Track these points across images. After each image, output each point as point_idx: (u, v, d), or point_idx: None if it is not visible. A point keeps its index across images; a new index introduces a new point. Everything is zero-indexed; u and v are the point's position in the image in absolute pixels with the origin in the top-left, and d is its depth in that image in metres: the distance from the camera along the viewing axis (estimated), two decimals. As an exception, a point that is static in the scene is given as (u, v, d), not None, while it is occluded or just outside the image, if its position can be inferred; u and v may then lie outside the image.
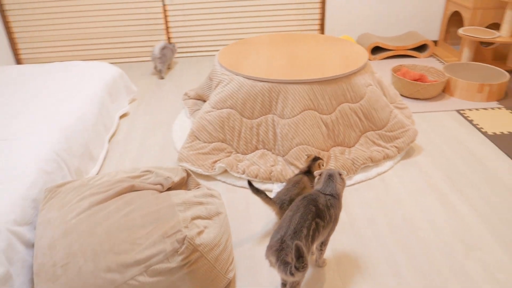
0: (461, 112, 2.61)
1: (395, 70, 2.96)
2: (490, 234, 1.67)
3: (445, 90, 2.86)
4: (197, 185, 1.59)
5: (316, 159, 1.70)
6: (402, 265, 1.53)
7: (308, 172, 1.68)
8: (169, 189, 1.51)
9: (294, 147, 1.96)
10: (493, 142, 2.30)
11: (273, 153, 2.05)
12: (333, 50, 2.41)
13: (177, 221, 1.27)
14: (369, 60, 3.45)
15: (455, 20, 3.64)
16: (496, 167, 2.08)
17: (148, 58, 3.68)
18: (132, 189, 1.42)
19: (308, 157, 1.72)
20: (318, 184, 1.41)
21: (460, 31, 3.17)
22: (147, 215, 1.30)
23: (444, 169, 2.07)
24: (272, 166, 1.97)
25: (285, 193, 1.60)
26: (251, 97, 2.04)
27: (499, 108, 2.66)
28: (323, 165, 1.71)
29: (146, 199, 1.36)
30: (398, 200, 1.86)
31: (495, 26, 3.36)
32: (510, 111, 2.62)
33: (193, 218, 1.31)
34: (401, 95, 2.82)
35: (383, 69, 3.30)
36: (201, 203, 1.40)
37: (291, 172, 1.92)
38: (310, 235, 1.23)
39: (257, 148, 2.07)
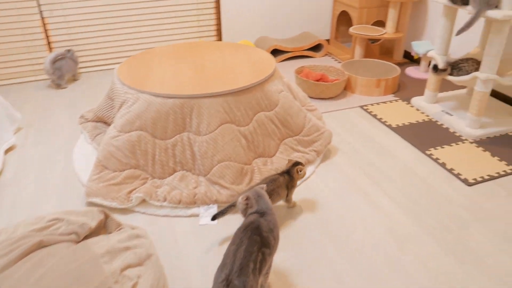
0: (364, 108, 2.73)
1: (298, 72, 2.99)
2: (415, 225, 1.74)
3: (346, 87, 2.97)
4: (119, 226, 1.40)
5: (296, 164, 1.73)
6: (343, 271, 1.52)
7: (286, 173, 1.72)
8: (86, 237, 1.30)
9: (216, 165, 1.85)
10: (397, 133, 2.43)
11: (193, 173, 1.91)
12: (239, 57, 2.34)
13: (104, 277, 1.09)
14: (270, 63, 3.47)
15: (343, 19, 3.82)
16: (404, 158, 2.19)
17: (31, 78, 3.26)
18: (40, 245, 1.19)
19: (288, 162, 1.75)
20: (251, 208, 1.33)
21: (351, 30, 3.33)
22: (66, 275, 1.09)
23: (361, 166, 2.12)
24: (195, 188, 1.83)
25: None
26: (162, 116, 1.88)
27: (396, 100, 2.84)
28: (301, 171, 1.73)
29: (61, 255, 1.15)
30: (326, 204, 1.85)
31: (380, 23, 3.60)
32: (406, 102, 2.81)
33: (123, 269, 1.14)
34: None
35: (284, 71, 3.34)
36: (128, 248, 1.23)
37: (216, 192, 1.81)
38: (257, 268, 1.13)
39: (175, 171, 1.92)
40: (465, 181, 2.03)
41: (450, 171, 2.10)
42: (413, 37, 3.54)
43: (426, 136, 2.41)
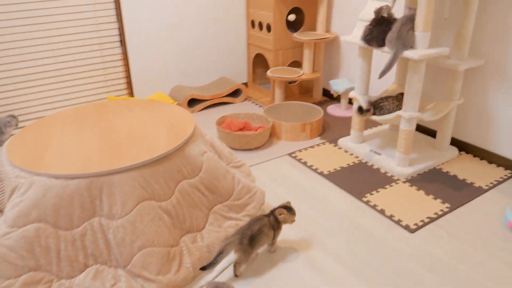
0: (293, 155, 2.60)
1: (220, 123, 2.81)
2: (364, 284, 1.59)
3: (272, 134, 2.84)
4: None
5: (282, 207, 1.73)
6: None
7: (272, 215, 1.72)
8: None
9: (137, 253, 1.56)
10: (331, 181, 2.31)
11: (110, 267, 1.60)
12: (153, 117, 2.10)
13: None
14: (188, 113, 3.25)
15: (259, 61, 3.75)
16: (343, 208, 2.07)
17: None
18: None
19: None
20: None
21: (269, 73, 3.24)
22: None
23: (298, 224, 1.95)
24: (114, 285, 1.52)
25: (246, 228, 1.64)
26: (64, 201, 1.57)
27: (323, 143, 2.76)
28: (280, 214, 1.71)
29: None
30: (261, 277, 1.64)
31: (297, 63, 3.56)
32: (333, 144, 2.74)
33: None
34: (232, 148, 2.68)
35: (204, 122, 3.13)
36: None
37: (140, 287, 1.52)
38: None
39: (87, 266, 1.59)
40: (407, 228, 1.94)
41: (391, 218, 2.00)
42: (330, 75, 3.54)
43: (360, 180, 2.32)
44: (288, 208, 1.73)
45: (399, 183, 2.30)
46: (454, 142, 2.67)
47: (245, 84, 3.83)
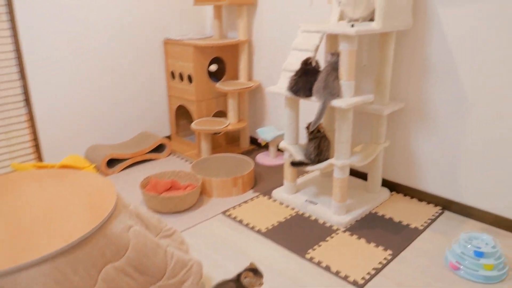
0: (227, 213, 2.44)
1: (144, 186, 2.58)
2: None
3: (202, 192, 2.67)
4: None
5: (248, 269, 1.59)
6: None
7: (237, 280, 1.59)
8: None
9: None
10: (270, 239, 2.18)
11: None
12: (67, 191, 1.83)
13: None
14: (107, 175, 2.98)
15: (181, 112, 3.60)
16: (286, 270, 1.93)
17: None
18: None
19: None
20: None
21: (193, 125, 3.10)
22: None
23: (244, 297, 1.77)
24: None
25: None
26: (-46, 314, 1.25)
27: (256, 197, 2.64)
28: (246, 278, 1.57)
29: None
30: None
31: (221, 113, 3.47)
32: (267, 197, 2.63)
33: None
34: (160, 213, 2.45)
35: (127, 184, 2.88)
36: None
37: None
38: None
39: None
40: (355, 283, 1.85)
41: (337, 274, 1.90)
42: (256, 123, 3.49)
43: (300, 235, 2.21)
44: (254, 271, 1.57)
45: (339, 233, 2.23)
46: (385, 183, 2.70)
47: (168, 137, 3.64)
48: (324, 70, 2.13)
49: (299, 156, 2.39)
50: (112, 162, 3.11)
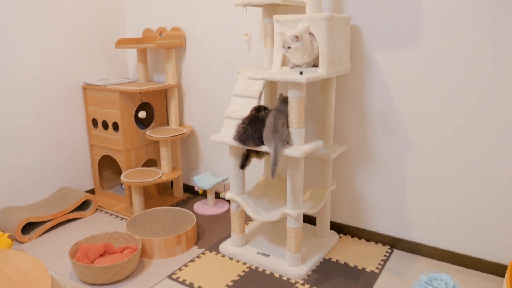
0: (174, 277, 2.20)
1: (73, 254, 2.25)
2: None
3: (143, 254, 2.39)
4: None
5: None
6: None
7: None
8: None
9: None
10: (228, 303, 1.99)
11: None
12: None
13: None
14: (23, 243, 2.56)
15: (105, 162, 3.28)
16: None
17: None
18: None
19: None
20: None
21: (122, 178, 2.82)
22: None
23: None
24: None
25: None
26: None
27: (203, 253, 2.43)
28: None
29: None
30: None
31: (152, 161, 3.22)
32: (215, 252, 2.44)
33: None
34: (97, 284, 2.13)
35: (50, 253, 2.48)
36: None
37: None
38: None
39: None
40: None
41: (308, 337, 1.77)
42: (190, 169, 3.29)
43: (259, 294, 2.06)
44: None
45: (298, 286, 2.11)
46: (332, 225, 2.66)
47: (92, 191, 3.28)
48: (271, 114, 2.05)
49: (249, 208, 2.26)
50: (29, 227, 2.69)
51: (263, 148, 2.05)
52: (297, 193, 2.10)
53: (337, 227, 2.65)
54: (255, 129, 2.06)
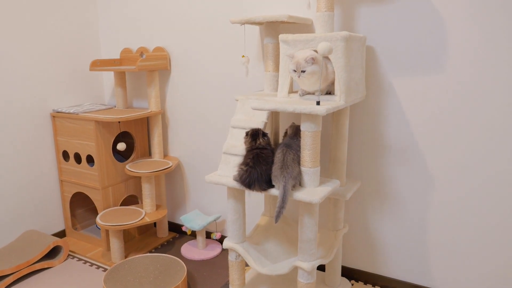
0: None
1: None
2: None
3: (124, 318, 2.00)
4: None
5: None
6: None
7: None
8: None
9: None
10: None
11: None
12: None
13: None
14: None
15: (78, 199, 2.88)
16: None
17: None
18: None
19: None
20: None
21: (98, 220, 2.43)
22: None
23: None
24: None
25: None
26: None
27: (197, 312, 2.06)
28: None
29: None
30: None
31: (133, 198, 2.84)
32: (210, 310, 2.08)
33: None
34: None
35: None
36: None
37: None
38: None
39: None
40: None
41: None
42: (175, 206, 2.92)
43: None
44: None
45: None
46: (344, 270, 2.35)
47: (63, 233, 2.86)
48: (279, 150, 1.74)
49: (251, 258, 1.92)
50: (-16, 285, 2.26)
51: (272, 192, 1.73)
52: (310, 243, 1.78)
53: (349, 272, 2.34)
54: (261, 171, 1.73)
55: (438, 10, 1.86)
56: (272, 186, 1.73)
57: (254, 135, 1.79)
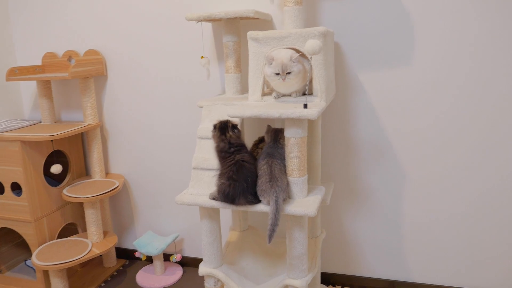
0: None
1: None
2: None
3: None
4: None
5: None
6: None
7: None
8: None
9: None
10: None
11: None
12: None
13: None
14: None
15: (5, 233, 2.42)
16: None
17: None
18: None
19: None
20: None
21: (34, 259, 2.04)
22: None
23: None
24: None
25: None
26: None
27: None
28: None
29: None
30: None
31: (72, 227, 2.45)
32: None
33: None
34: None
35: None
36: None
37: None
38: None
39: None
40: None
41: None
42: (122, 228, 2.58)
43: None
44: None
45: None
46: (321, 276, 2.23)
47: (-15, 277, 2.39)
48: (263, 161, 1.55)
49: (233, 283, 1.71)
50: None
51: (259, 208, 1.54)
52: (302, 258, 1.62)
53: (326, 278, 2.23)
54: (246, 184, 1.53)
55: (403, 4, 1.81)
56: (259, 200, 1.55)
57: (222, 128, 1.57)
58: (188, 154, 2.28)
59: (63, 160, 2.41)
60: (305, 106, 1.47)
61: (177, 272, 2.38)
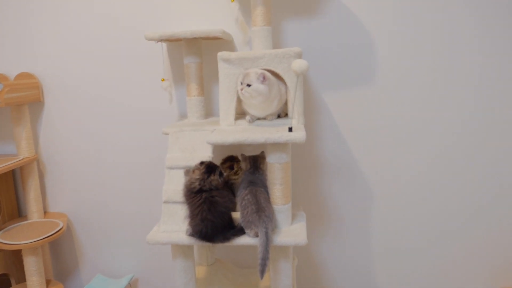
0: None
1: None
2: None
3: None
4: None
5: None
6: None
7: None
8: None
9: None
10: None
11: None
12: None
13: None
14: None
15: None
16: None
17: None
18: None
19: None
20: None
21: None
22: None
23: None
24: None
25: None
26: None
27: None
28: None
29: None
30: None
31: (6, 277, 2.10)
32: None
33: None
34: None
35: None
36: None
37: None
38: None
39: None
40: None
41: None
42: (66, 274, 2.27)
43: None
44: None
45: None
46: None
47: None
48: (245, 191, 1.45)
49: None
50: None
51: (243, 241, 1.42)
52: (287, 290, 1.53)
53: (296, 308, 2.15)
54: (222, 220, 1.40)
55: (364, 24, 1.84)
56: (239, 233, 1.43)
57: (211, 168, 1.44)
58: (145, 184, 2.08)
59: (-10, 201, 2.07)
60: (290, 129, 1.40)
61: (134, 317, 2.14)
